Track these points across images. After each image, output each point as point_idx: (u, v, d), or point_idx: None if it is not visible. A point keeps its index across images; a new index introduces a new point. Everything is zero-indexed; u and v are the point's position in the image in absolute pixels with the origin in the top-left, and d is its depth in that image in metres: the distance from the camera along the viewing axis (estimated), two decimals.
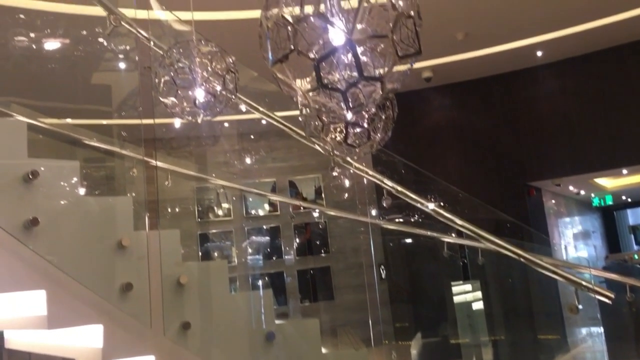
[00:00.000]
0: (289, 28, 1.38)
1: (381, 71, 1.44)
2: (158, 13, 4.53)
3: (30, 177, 2.51)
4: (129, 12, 4.54)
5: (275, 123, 3.80)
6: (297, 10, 1.45)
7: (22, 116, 4.36)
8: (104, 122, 5.86)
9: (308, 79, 1.45)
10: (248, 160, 10.36)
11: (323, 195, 10.77)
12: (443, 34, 8.14)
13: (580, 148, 9.61)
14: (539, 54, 9.35)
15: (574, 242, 14.18)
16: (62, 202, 2.66)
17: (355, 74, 1.39)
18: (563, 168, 9.88)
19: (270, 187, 10.90)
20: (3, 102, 4.44)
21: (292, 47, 1.37)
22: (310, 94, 1.45)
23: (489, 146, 10.21)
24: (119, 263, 2.64)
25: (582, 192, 13.94)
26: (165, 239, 2.87)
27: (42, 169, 2.58)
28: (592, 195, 15.31)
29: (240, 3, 6.67)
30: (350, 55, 1.38)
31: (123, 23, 3.28)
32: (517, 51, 9.01)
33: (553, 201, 12.41)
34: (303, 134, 3.53)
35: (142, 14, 4.59)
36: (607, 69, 9.46)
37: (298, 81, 1.48)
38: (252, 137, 10.34)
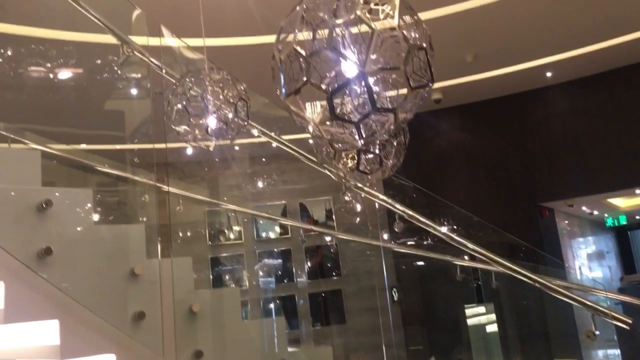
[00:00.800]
0: (302, 60, 1.39)
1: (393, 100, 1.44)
2: (170, 41, 4.59)
3: (44, 206, 2.53)
4: (142, 40, 4.61)
5: (286, 148, 3.81)
6: (308, 35, 1.46)
7: (35, 144, 4.41)
8: (117, 147, 5.91)
9: (320, 110, 1.45)
10: (259, 183, 10.38)
11: (334, 217, 10.76)
12: (452, 55, 8.16)
13: (592, 168, 9.55)
14: (549, 74, 9.36)
15: (588, 262, 14.02)
16: (75, 231, 2.67)
17: (367, 105, 1.39)
18: (576, 188, 9.81)
19: (281, 210, 10.90)
20: (17, 130, 4.49)
21: (305, 79, 1.38)
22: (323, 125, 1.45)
23: (500, 167, 10.17)
24: (131, 291, 2.64)
25: (596, 212, 13.82)
26: (177, 266, 2.87)
27: (57, 194, 2.60)
28: (606, 215, 15.17)
29: (249, 29, 6.74)
30: (362, 86, 1.39)
31: (136, 52, 3.32)
32: (526, 72, 9.02)
33: (566, 222, 12.30)
34: (314, 159, 3.53)
35: (154, 41, 4.66)
36: (617, 89, 9.44)
37: (310, 110, 1.48)
38: (263, 159, 10.37)
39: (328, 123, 1.44)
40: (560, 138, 9.85)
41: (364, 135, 1.46)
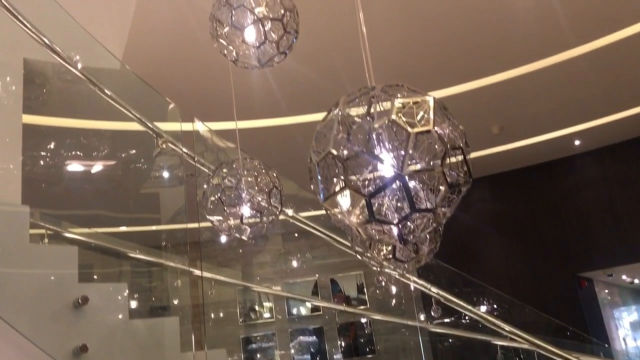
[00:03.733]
0: (339, 164, 1.41)
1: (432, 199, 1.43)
2: (201, 128, 4.72)
3: (80, 302, 2.54)
4: (175, 126, 4.75)
5: (319, 234, 3.80)
6: (345, 137, 1.48)
7: (71, 232, 4.48)
8: (153, 228, 5.99)
9: (359, 211, 1.45)
10: (290, 260, 10.34)
11: (366, 292, 10.59)
12: (478, 128, 8.21)
13: (628, 236, 9.31)
14: (577, 142, 9.31)
15: (633, 332, 13.45)
16: (110, 326, 2.66)
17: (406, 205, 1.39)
18: (613, 257, 9.54)
19: (312, 286, 10.78)
20: (55, 217, 4.59)
21: (343, 184, 1.39)
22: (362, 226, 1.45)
23: (534, 237, 9.98)
24: None
25: (637, 281, 13.36)
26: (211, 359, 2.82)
27: (93, 290, 2.61)
28: None
29: (276, 112, 6.95)
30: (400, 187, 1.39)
31: (169, 145, 3.41)
32: (554, 141, 9.00)
33: (606, 291, 11.90)
34: (347, 243, 3.51)
35: (187, 127, 4.80)
36: None
37: (348, 210, 1.48)
38: (295, 234, 10.35)
39: (368, 225, 1.44)
40: (593, 206, 9.68)
41: (404, 237, 1.44)
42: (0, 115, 4.27)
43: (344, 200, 1.44)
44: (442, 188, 1.45)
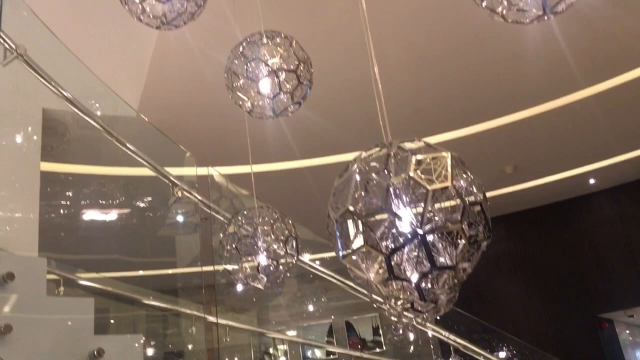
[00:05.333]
0: (357, 221, 1.41)
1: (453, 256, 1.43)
2: (216, 173, 4.76)
3: (96, 354, 2.52)
4: (190, 171, 4.80)
5: (335, 281, 3.78)
6: (363, 194, 1.49)
7: (86, 280, 4.49)
8: (169, 271, 5.99)
9: (378, 268, 1.44)
10: (304, 302, 10.24)
11: (381, 333, 10.44)
12: (492, 168, 8.21)
13: None
14: (592, 181, 9.26)
15: None
16: None
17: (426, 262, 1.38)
18: (634, 297, 9.35)
19: (328, 329, 10.64)
20: (70, 267, 4.60)
21: (363, 241, 1.39)
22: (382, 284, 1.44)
23: (552, 277, 9.83)
24: None
25: None
26: None
27: (108, 343, 2.59)
28: None
29: (288, 155, 7.01)
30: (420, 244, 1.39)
31: (186, 194, 3.43)
32: (568, 180, 8.95)
33: (627, 332, 11.62)
34: (362, 289, 3.48)
35: (202, 171, 4.85)
36: None
37: (368, 269, 1.47)
38: (310, 275, 10.28)
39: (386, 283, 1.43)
40: (611, 245, 9.55)
41: (423, 294, 1.43)
42: (19, 164, 4.33)
43: (363, 257, 1.44)
44: (461, 242, 1.44)
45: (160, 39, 4.73)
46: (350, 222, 1.42)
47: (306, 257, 5.54)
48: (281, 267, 2.92)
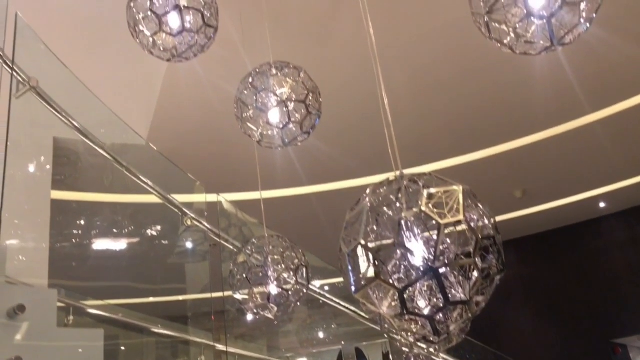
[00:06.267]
0: (370, 255, 1.41)
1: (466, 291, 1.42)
2: (225, 201, 4.78)
3: None
4: (200, 197, 4.81)
5: (345, 309, 3.75)
6: (375, 228, 1.49)
7: (97, 310, 4.48)
8: (180, 298, 5.98)
9: (391, 303, 1.44)
10: (314, 329, 10.15)
11: (391, 359, 10.30)
12: (500, 192, 8.18)
13: None
14: (602, 205, 9.20)
15: None
16: None
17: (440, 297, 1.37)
18: None
19: (337, 355, 10.53)
20: (78, 296, 4.60)
21: (375, 275, 1.38)
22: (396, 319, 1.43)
23: (564, 302, 9.72)
24: None
25: None
26: None
27: None
28: None
29: (296, 182, 7.03)
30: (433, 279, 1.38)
31: (195, 222, 3.44)
32: (577, 204, 8.90)
33: None
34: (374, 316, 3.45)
35: (211, 198, 4.86)
36: None
37: (381, 303, 1.47)
38: (320, 301, 10.22)
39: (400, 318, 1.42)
40: (623, 269, 9.44)
41: (438, 329, 1.42)
42: (30, 194, 4.37)
43: (376, 290, 1.43)
44: (475, 274, 1.44)
45: (169, 68, 4.79)
46: (362, 256, 1.41)
47: (316, 284, 5.52)
48: (292, 297, 2.91)
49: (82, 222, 5.60)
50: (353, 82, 5.30)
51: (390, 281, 1.38)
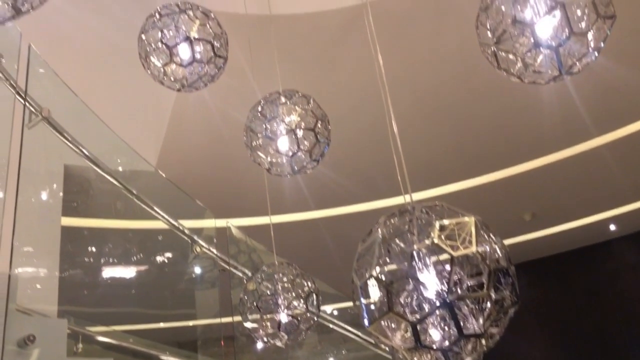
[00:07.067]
0: (382, 288, 1.40)
1: (480, 322, 1.41)
2: (234, 226, 4.78)
3: None
4: (209, 223, 4.81)
5: (352, 335, 3.73)
6: (388, 261, 1.49)
7: (105, 336, 4.48)
8: (190, 323, 5.96)
9: (404, 335, 1.43)
10: (323, 354, 10.05)
11: None
12: (509, 215, 8.14)
13: None
14: (613, 227, 9.13)
15: None
16: None
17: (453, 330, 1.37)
18: None
19: None
20: (87, 323, 4.60)
21: (388, 308, 1.38)
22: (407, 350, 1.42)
23: (576, 328, 9.59)
24: None
25: None
26: None
27: None
28: None
29: (303, 207, 7.04)
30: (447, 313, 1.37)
31: (204, 250, 3.45)
32: (587, 227, 8.85)
33: None
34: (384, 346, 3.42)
35: (221, 223, 4.87)
36: None
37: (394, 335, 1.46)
38: (330, 326, 10.13)
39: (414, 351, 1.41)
40: (636, 293, 9.32)
41: None
42: (41, 221, 4.39)
43: (388, 322, 1.43)
44: (488, 305, 1.43)
45: (179, 96, 4.84)
46: (374, 289, 1.41)
47: (326, 309, 5.49)
48: (302, 325, 2.89)
49: (92, 249, 5.62)
50: (360, 106, 5.33)
51: (403, 312, 1.37)
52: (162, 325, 5.99)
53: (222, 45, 2.80)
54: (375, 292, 1.42)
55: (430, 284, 1.38)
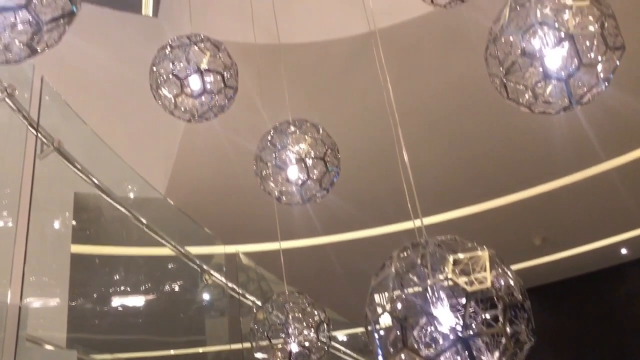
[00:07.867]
0: (396, 324, 1.39)
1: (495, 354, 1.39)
2: (243, 254, 4.78)
3: None
4: (218, 249, 4.80)
5: None
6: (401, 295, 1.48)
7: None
8: (200, 350, 5.92)
9: None
10: None
11: None
12: (519, 240, 8.07)
13: None
14: (624, 251, 9.04)
15: None
16: None
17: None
18: None
19: None
20: (96, 352, 4.58)
21: (403, 343, 1.37)
22: None
23: (590, 354, 9.42)
24: None
25: None
26: None
27: None
28: None
29: (312, 232, 7.03)
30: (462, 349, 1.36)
31: (214, 279, 3.44)
32: (598, 251, 8.75)
33: None
34: None
35: (230, 249, 4.85)
36: None
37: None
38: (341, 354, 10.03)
39: None
40: None
41: None
42: (51, 249, 4.40)
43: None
44: (503, 340, 1.41)
45: (188, 125, 4.87)
46: (388, 324, 1.40)
47: (338, 335, 5.44)
48: (313, 356, 2.86)
49: (102, 276, 5.62)
50: (370, 133, 5.35)
51: (417, 348, 1.36)
52: (172, 352, 5.95)
53: (232, 76, 2.82)
54: (389, 328, 1.40)
55: (445, 319, 1.36)
